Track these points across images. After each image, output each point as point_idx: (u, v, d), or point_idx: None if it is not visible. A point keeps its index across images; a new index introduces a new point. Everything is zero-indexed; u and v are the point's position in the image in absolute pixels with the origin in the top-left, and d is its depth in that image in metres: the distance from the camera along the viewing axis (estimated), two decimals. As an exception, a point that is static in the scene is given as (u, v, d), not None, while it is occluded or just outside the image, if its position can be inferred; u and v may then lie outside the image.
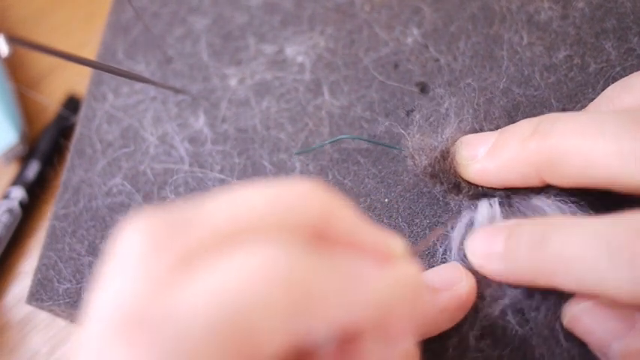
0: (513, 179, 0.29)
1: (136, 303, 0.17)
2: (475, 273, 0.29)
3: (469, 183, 0.31)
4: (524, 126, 0.29)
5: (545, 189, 0.30)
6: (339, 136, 0.34)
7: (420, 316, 0.27)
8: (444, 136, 0.31)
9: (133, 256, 0.18)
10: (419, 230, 0.33)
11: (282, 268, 0.17)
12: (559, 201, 0.29)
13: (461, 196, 0.31)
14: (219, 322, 0.16)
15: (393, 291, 0.20)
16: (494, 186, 0.30)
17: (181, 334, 0.16)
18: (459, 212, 0.31)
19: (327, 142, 0.34)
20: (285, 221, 0.19)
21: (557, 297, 0.28)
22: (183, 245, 0.18)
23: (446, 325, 0.29)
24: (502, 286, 0.29)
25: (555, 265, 0.25)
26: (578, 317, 0.27)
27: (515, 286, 0.29)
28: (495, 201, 0.31)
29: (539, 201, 0.30)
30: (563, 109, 0.33)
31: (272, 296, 0.17)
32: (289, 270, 0.17)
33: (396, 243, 0.22)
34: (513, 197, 0.30)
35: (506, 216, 0.30)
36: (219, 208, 0.19)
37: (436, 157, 0.31)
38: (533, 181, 0.29)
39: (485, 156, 0.30)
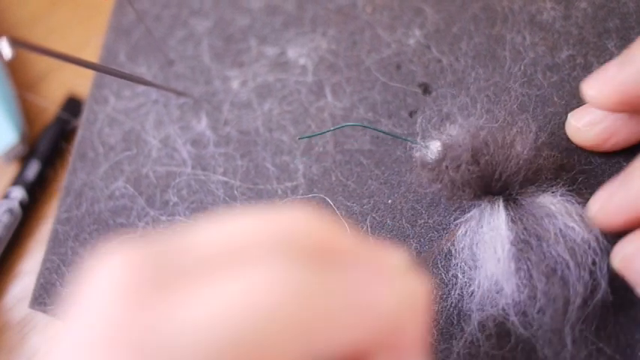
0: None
1: (115, 321, 0.15)
2: None
3: (470, 186, 0.31)
4: None
5: (553, 188, 0.30)
6: (347, 124, 0.34)
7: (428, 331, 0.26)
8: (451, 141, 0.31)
9: (111, 284, 0.16)
10: (422, 231, 0.33)
11: (287, 283, 0.16)
12: (565, 200, 0.29)
13: (466, 196, 0.31)
14: (221, 342, 0.15)
15: (400, 306, 0.19)
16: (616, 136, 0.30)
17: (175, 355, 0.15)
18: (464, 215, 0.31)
19: (333, 128, 0.34)
20: (280, 245, 0.18)
21: (563, 300, 0.28)
22: (168, 271, 0.16)
23: None
24: (499, 284, 0.29)
25: None
26: (631, 257, 0.26)
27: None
28: (500, 198, 0.30)
29: (545, 199, 0.29)
30: (567, 108, 0.33)
31: (280, 313, 0.16)
32: (295, 285, 0.16)
33: (398, 257, 0.20)
34: (519, 196, 0.30)
35: (513, 214, 0.30)
36: (207, 235, 0.18)
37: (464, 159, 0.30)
38: None
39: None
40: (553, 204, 0.29)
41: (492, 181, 0.30)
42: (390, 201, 0.33)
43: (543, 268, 0.28)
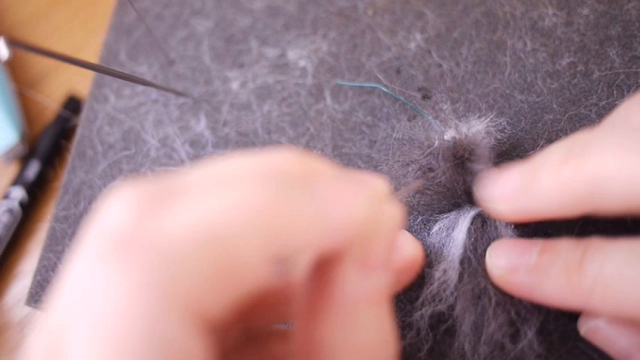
0: (550, 213, 0.27)
1: (123, 230, 0.18)
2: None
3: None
4: (554, 152, 0.26)
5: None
6: (376, 85, 0.35)
7: (395, 256, 0.28)
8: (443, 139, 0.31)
9: (119, 205, 0.19)
10: (417, 237, 0.32)
11: (258, 196, 0.18)
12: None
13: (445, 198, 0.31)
14: (203, 244, 0.17)
15: (368, 219, 0.21)
16: (529, 220, 0.28)
17: (170, 254, 0.17)
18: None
19: (364, 84, 0.35)
20: (264, 174, 0.20)
21: (472, 326, 0.29)
22: (166, 194, 0.19)
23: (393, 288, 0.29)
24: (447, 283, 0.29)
25: (592, 284, 0.25)
26: (597, 329, 0.27)
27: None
28: (474, 209, 0.31)
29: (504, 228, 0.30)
30: (566, 115, 0.33)
31: (249, 221, 0.18)
32: (265, 198, 0.19)
33: (378, 184, 0.22)
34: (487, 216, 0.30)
35: (475, 228, 0.30)
36: (200, 171, 0.20)
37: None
38: (572, 212, 0.26)
39: (515, 195, 0.27)
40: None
41: (458, 197, 0.31)
42: (387, 205, 0.33)
43: (470, 289, 0.29)
